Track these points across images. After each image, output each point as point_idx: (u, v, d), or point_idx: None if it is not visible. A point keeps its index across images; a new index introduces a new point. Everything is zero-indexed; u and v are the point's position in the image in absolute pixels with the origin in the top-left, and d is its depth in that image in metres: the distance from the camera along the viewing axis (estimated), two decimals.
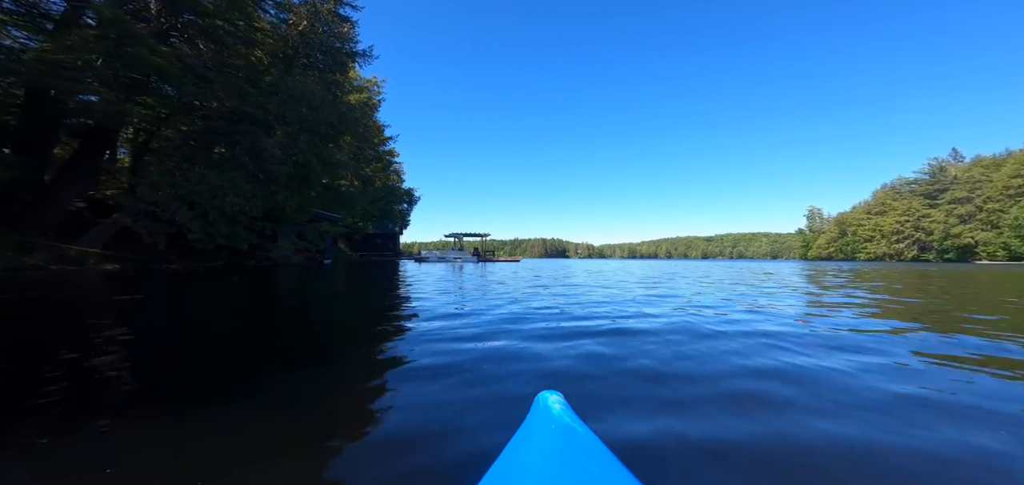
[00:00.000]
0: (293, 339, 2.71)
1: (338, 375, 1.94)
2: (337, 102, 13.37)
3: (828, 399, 1.58)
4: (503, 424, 1.29)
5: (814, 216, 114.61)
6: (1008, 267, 25.97)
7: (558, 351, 2.30)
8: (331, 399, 1.62)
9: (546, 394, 0.79)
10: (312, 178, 12.56)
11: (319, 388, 1.74)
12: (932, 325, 3.26)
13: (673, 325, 3.15)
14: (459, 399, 1.53)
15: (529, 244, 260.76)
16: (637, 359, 2.13)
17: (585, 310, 3.95)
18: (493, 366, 1.98)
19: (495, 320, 3.33)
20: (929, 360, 2.20)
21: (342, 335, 2.86)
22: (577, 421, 0.69)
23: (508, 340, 2.57)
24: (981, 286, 7.34)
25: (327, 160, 13.52)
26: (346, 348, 2.47)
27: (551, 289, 6.11)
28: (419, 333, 2.78)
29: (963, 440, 1.26)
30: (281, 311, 3.93)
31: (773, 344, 2.50)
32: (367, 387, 1.72)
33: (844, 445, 1.22)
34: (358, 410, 1.49)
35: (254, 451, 1.17)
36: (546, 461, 0.58)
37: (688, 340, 2.61)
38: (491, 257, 43.18)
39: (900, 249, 74.50)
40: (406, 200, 62.50)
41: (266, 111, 10.65)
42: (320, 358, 2.22)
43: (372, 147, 39.39)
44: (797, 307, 4.34)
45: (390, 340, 2.61)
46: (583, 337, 2.67)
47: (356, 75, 35.95)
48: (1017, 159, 55.70)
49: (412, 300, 4.75)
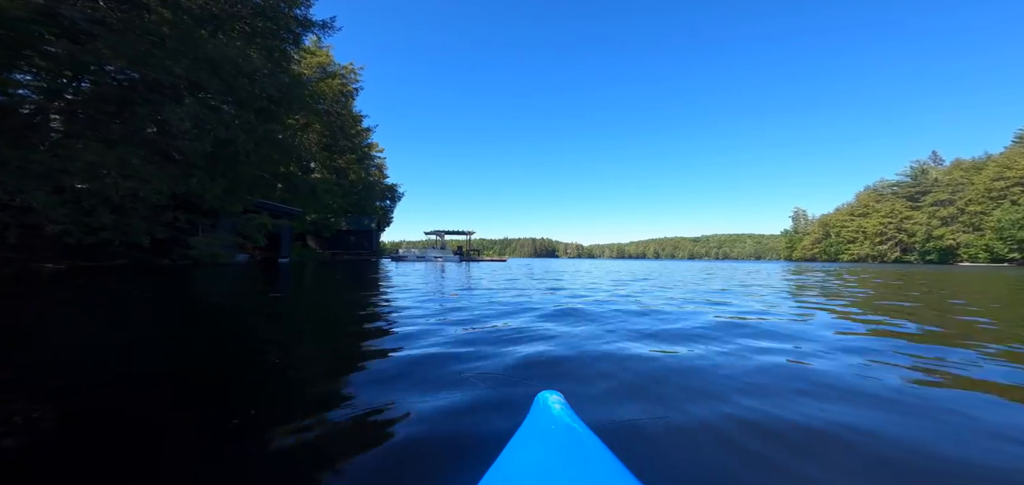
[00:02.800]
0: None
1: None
2: (277, 73, 11.34)
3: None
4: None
5: (799, 218, 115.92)
6: (990, 269, 27.03)
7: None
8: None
9: (546, 394, 0.80)
10: (243, 161, 10.52)
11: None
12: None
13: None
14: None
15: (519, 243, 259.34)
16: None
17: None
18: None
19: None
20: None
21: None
22: (577, 421, 0.69)
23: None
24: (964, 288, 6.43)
25: (268, 140, 11.49)
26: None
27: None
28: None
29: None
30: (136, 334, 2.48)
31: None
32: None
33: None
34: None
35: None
36: (546, 461, 0.59)
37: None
38: (476, 257, 41.02)
39: (883, 251, 75.28)
40: (389, 196, 60.22)
41: (173, 75, 8.60)
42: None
43: (348, 137, 36.98)
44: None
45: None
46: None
47: (329, 60, 33.72)
48: (998, 163, 56.39)
49: (368, 308, 3.70)
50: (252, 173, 11.77)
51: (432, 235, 45.57)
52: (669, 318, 3.22)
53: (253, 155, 10.72)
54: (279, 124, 12.22)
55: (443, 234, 45.51)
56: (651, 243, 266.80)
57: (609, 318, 3.17)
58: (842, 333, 2.72)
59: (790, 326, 2.93)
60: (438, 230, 45.18)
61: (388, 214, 59.70)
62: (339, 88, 34.15)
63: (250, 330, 2.71)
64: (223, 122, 9.30)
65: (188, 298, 4.35)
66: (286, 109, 12.85)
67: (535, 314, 3.34)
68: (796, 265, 29.12)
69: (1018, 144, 58.41)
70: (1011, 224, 48.44)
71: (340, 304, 3.99)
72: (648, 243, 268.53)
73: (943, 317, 3.47)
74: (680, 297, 4.90)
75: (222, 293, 4.85)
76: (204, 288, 5.50)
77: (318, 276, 8.78)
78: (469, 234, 45.32)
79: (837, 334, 2.68)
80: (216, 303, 3.95)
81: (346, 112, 36.52)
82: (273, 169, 14.96)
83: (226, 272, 9.04)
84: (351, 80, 37.43)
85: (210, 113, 9.29)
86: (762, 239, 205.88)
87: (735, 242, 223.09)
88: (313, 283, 6.55)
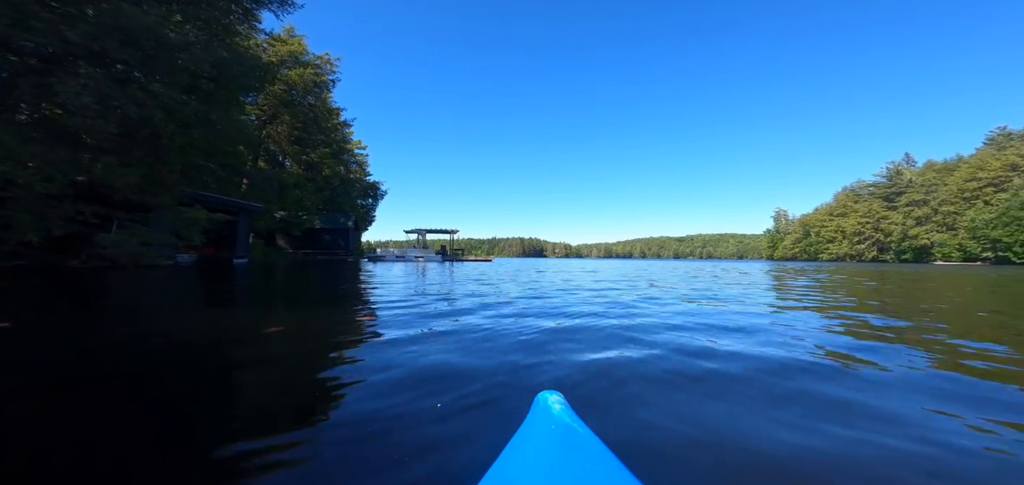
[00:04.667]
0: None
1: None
2: (212, 47, 9.95)
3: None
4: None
5: (781, 218, 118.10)
6: (963, 268, 28.06)
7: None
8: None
9: (546, 394, 0.79)
10: (167, 145, 9.12)
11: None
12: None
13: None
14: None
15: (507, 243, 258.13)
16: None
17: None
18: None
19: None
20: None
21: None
22: (577, 421, 0.70)
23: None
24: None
25: (203, 123, 10.08)
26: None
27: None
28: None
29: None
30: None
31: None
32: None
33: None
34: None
35: None
36: (546, 461, 0.59)
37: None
38: (460, 257, 39.54)
39: (861, 250, 76.94)
40: (371, 194, 58.29)
41: (65, 42, 7.20)
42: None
43: (322, 131, 35.16)
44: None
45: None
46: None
47: (302, 48, 31.96)
48: (970, 164, 58.00)
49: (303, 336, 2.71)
50: (184, 160, 10.33)
51: (413, 234, 44.00)
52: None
53: (179, 138, 9.31)
54: (219, 105, 10.79)
55: (424, 233, 43.97)
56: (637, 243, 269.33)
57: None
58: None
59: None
60: (419, 229, 43.63)
61: (370, 213, 57.84)
62: (312, 78, 32.28)
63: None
64: (134, 99, 7.91)
65: (90, 311, 3.06)
66: (227, 89, 11.42)
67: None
68: (769, 264, 30.51)
69: (989, 146, 60.24)
70: (984, 224, 49.75)
71: (260, 318, 2.80)
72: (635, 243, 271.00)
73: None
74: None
75: (145, 304, 3.58)
76: (131, 295, 4.26)
77: (277, 279, 7.60)
78: (452, 233, 43.83)
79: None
80: (118, 324, 2.70)
81: (320, 104, 34.73)
82: (220, 158, 13.46)
83: (153, 276, 7.75)
84: (326, 71, 35.48)
85: (118, 88, 7.89)
86: (744, 239, 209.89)
87: (719, 242, 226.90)
88: (259, 288, 5.45)
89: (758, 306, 3.99)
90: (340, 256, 34.06)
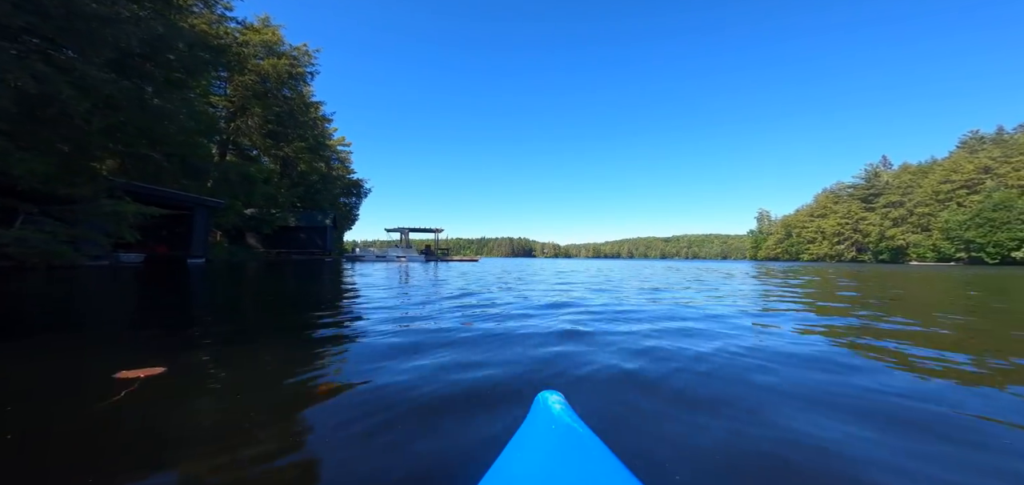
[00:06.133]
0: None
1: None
2: (145, 22, 8.81)
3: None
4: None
5: (764, 218, 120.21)
6: (936, 268, 28.55)
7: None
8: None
9: (546, 394, 0.79)
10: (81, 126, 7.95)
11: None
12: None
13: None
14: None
15: (496, 243, 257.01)
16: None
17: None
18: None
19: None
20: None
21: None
22: (577, 421, 0.69)
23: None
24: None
25: (136, 103, 8.93)
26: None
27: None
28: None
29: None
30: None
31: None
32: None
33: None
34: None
35: None
36: (546, 461, 0.59)
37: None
38: (445, 257, 38.34)
39: (841, 250, 78.56)
40: (354, 192, 56.53)
41: None
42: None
43: (298, 124, 33.59)
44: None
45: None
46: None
47: (277, 38, 30.48)
48: (944, 167, 59.61)
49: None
50: (121, 147, 9.16)
51: (395, 233, 42.63)
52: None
53: (98, 120, 8.16)
54: (161, 87, 9.61)
55: (407, 232, 42.65)
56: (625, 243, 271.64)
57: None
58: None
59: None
60: (402, 228, 42.29)
61: (353, 211, 56.15)
62: (287, 69, 30.75)
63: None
64: (32, 71, 6.77)
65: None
66: (168, 69, 10.25)
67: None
68: (748, 264, 31.25)
69: (962, 149, 62.06)
70: (957, 225, 51.07)
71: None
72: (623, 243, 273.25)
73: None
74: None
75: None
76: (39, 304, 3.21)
77: (233, 283, 6.60)
78: (437, 232, 42.63)
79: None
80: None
81: (296, 97, 33.23)
82: (171, 147, 12.19)
83: (86, 278, 6.73)
84: (303, 62, 33.95)
85: (13, 60, 6.74)
86: (728, 239, 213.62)
87: (704, 242, 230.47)
88: (196, 296, 4.52)
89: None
90: (317, 256, 32.58)
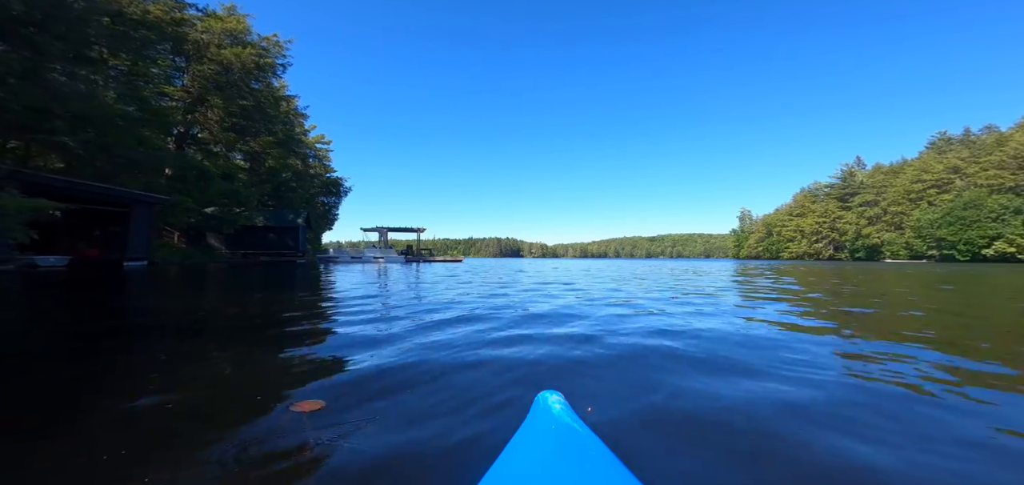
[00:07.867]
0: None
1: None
2: None
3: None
4: None
5: (745, 218, 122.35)
6: (909, 265, 28.92)
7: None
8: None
9: (546, 394, 0.79)
10: None
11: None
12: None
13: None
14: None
15: (484, 243, 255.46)
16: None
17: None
18: None
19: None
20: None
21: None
22: (577, 421, 0.69)
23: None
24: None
25: (27, 76, 7.72)
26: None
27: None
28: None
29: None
30: None
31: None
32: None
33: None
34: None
35: None
36: (546, 461, 0.59)
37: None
38: (427, 257, 36.98)
39: (819, 249, 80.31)
40: (333, 191, 54.62)
41: None
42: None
43: (266, 118, 31.89)
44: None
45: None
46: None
47: (243, 27, 28.88)
48: (915, 167, 61.40)
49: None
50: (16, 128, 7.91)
51: (373, 233, 41.08)
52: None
53: None
54: (67, 62, 8.39)
55: (386, 232, 41.16)
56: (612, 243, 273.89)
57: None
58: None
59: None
60: (381, 227, 40.80)
61: (331, 210, 54.29)
62: (252, 60, 29.07)
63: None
64: None
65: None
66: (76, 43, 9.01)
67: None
68: (729, 263, 31.24)
69: (930, 149, 64.03)
70: (929, 224, 52.54)
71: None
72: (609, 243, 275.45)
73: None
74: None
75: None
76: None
77: (168, 292, 5.53)
78: (419, 232, 41.29)
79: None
80: None
81: (265, 89, 31.59)
82: (105, 137, 10.86)
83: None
84: (273, 53, 32.31)
85: None
86: (711, 238, 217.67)
87: (688, 241, 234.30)
88: (98, 314, 3.53)
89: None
90: (289, 257, 30.87)
